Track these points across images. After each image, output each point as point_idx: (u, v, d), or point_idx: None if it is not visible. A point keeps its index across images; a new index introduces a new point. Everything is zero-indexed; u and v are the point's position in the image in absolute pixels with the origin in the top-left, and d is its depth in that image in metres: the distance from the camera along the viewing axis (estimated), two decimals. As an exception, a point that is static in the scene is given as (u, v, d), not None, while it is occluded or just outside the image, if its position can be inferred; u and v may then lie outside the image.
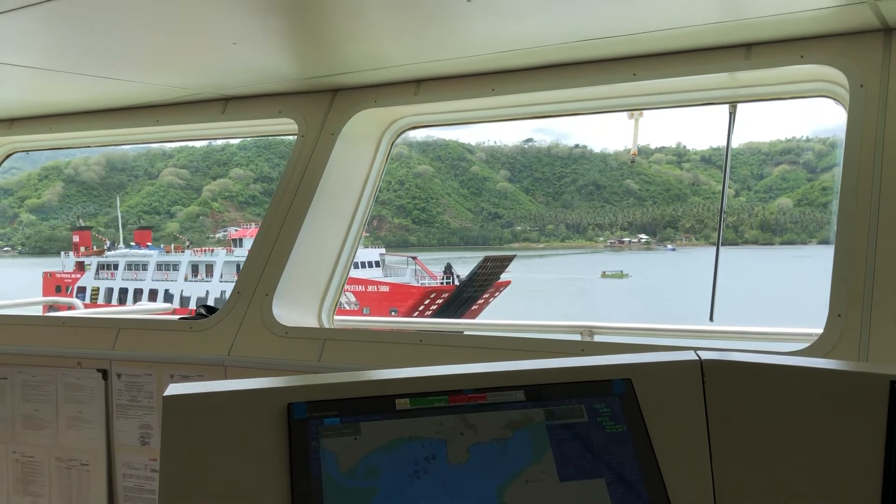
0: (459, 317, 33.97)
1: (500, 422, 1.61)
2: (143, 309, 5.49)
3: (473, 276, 36.85)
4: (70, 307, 5.27)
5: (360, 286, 37.70)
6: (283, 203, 3.52)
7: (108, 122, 4.12)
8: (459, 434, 1.59)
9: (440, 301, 36.79)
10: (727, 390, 1.72)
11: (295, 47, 3.07)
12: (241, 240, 43.50)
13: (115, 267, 43.46)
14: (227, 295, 3.70)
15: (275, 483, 1.52)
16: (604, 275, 53.24)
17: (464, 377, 1.67)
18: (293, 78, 3.45)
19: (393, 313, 35.34)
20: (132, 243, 51.42)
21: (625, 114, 3.92)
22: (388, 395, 1.61)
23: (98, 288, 42.56)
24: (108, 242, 52.37)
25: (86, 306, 6.91)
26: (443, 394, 1.63)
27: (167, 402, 1.55)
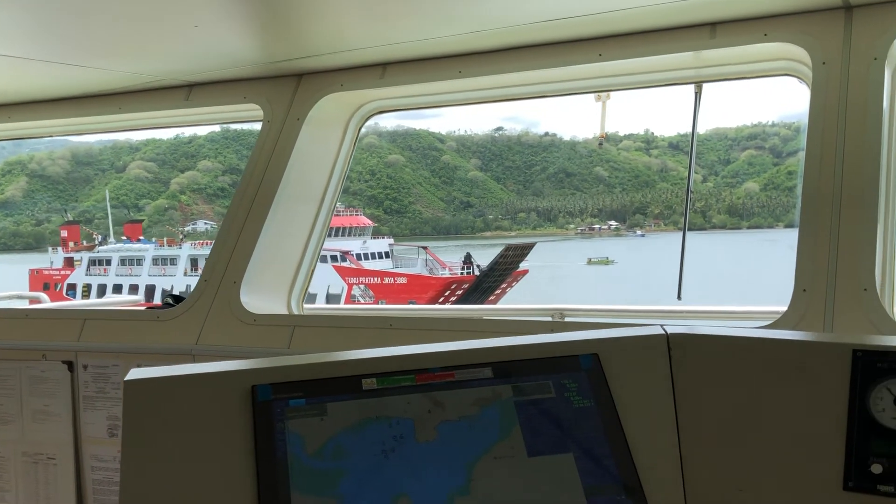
0: (478, 307, 33.23)
1: (468, 399, 1.61)
2: (110, 301, 5.41)
3: (494, 265, 35.67)
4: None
5: (374, 278, 36.71)
6: (249, 190, 3.48)
7: (68, 111, 4.04)
8: (427, 412, 1.58)
9: (460, 292, 35.50)
10: (693, 363, 1.74)
11: (259, 31, 3.03)
12: None
13: (108, 262, 41.85)
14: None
15: (240, 466, 1.50)
16: (590, 262, 53.22)
17: (431, 356, 1.66)
18: (258, 62, 3.40)
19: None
20: (123, 237, 49.82)
21: (592, 97, 3.92)
22: (354, 376, 1.60)
23: (90, 284, 41.00)
24: (98, 237, 50.76)
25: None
26: (410, 373, 1.62)
27: (128, 387, 1.53)
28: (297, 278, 3.59)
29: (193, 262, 39.14)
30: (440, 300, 34.74)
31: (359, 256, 38.29)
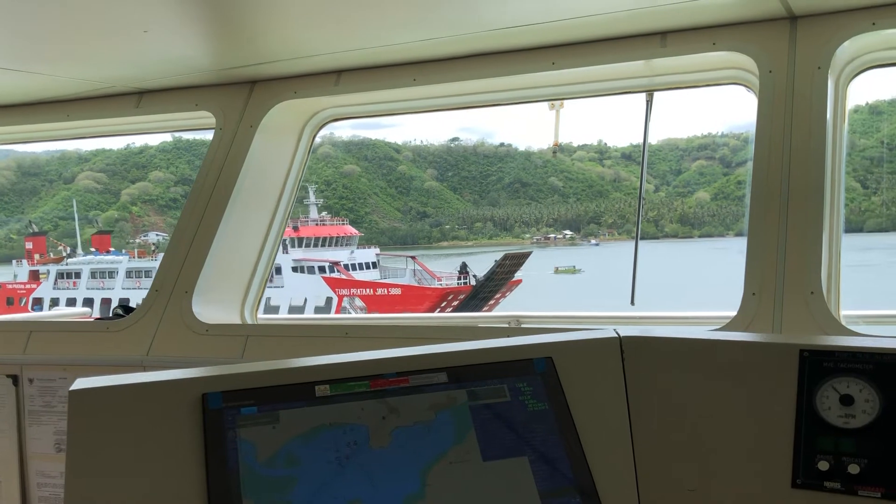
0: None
1: (423, 404, 1.61)
2: (58, 314, 5.28)
3: (491, 274, 34.36)
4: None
5: (366, 289, 34.99)
6: (201, 198, 3.43)
7: (13, 119, 3.94)
8: (381, 418, 1.57)
9: (456, 303, 33.93)
10: (646, 365, 1.76)
11: (211, 37, 2.99)
12: None
13: (78, 275, 39.85)
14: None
15: (190, 477, 1.47)
16: (557, 270, 53.24)
17: (385, 361, 1.65)
18: (209, 69, 3.36)
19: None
20: (92, 249, 47.96)
21: (546, 105, 3.95)
22: (307, 383, 1.58)
23: (57, 298, 39.11)
24: (67, 249, 48.64)
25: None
26: (364, 379, 1.61)
27: (73, 397, 1.48)
28: (251, 287, 3.54)
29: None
30: (437, 311, 32.79)
31: (346, 267, 36.93)
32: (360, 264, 37.72)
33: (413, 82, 3.23)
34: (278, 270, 34.67)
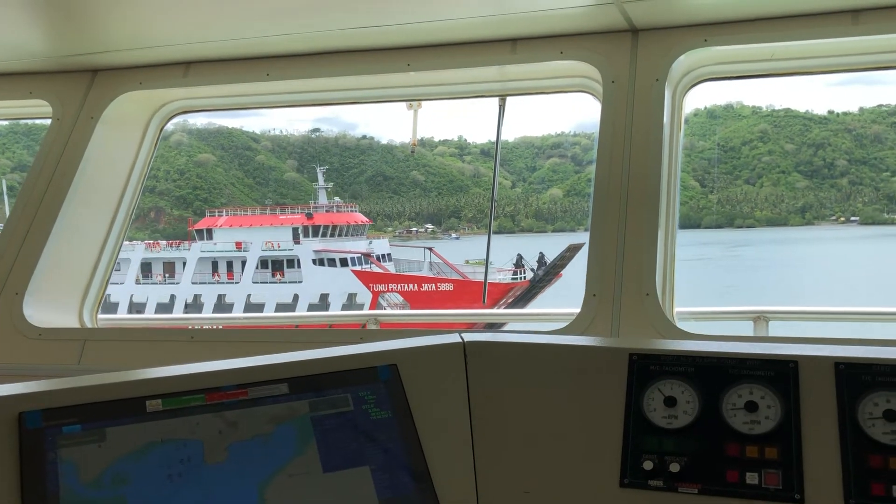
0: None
1: (263, 417, 1.57)
2: None
3: (553, 265, 29.47)
4: None
5: (409, 284, 29.70)
6: (35, 192, 3.21)
7: None
8: (218, 433, 1.52)
9: (511, 301, 29.01)
10: (488, 370, 1.80)
11: (47, 20, 2.80)
12: (209, 230, 33.33)
13: None
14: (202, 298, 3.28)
15: (4, 503, 1.36)
16: (467, 262, 52.41)
17: (223, 373, 1.60)
18: (46, 55, 3.15)
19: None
20: None
21: (404, 104, 3.97)
22: (137, 398, 1.51)
23: None
24: None
25: None
26: (199, 392, 1.55)
27: None
28: (91, 288, 3.35)
29: (145, 266, 32.33)
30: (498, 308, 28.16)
31: (364, 260, 31.47)
32: (381, 256, 32.40)
33: (266, 77, 3.16)
34: (296, 263, 30.48)
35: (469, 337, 1.85)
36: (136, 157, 3.47)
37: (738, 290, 31.50)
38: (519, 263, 30.84)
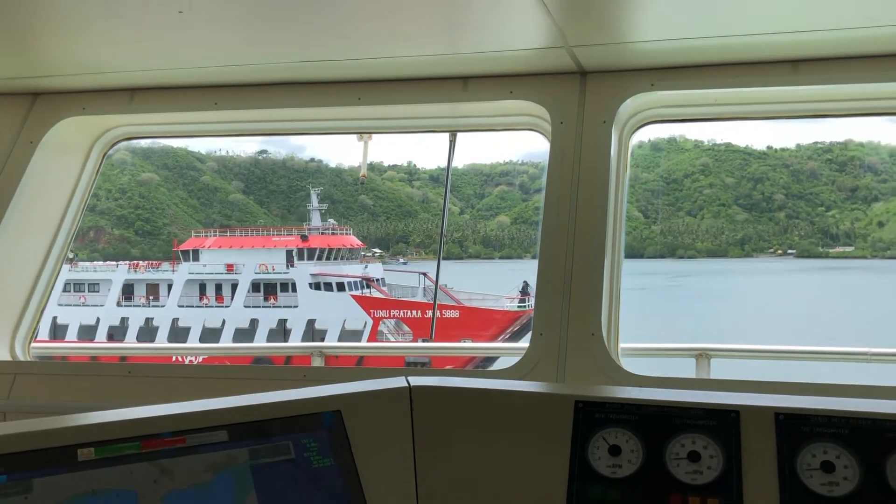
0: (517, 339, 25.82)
1: (200, 465, 1.51)
2: None
3: None
4: None
5: (413, 311, 28.14)
6: (-32, 217, 3.09)
7: None
8: (153, 482, 1.46)
9: (517, 329, 27.81)
10: (433, 414, 1.78)
11: (-16, 42, 2.71)
12: (196, 251, 31.98)
13: None
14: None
15: None
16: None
17: (160, 420, 1.54)
18: (-17, 76, 3.05)
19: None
20: None
21: (355, 136, 3.97)
22: (68, 446, 1.44)
23: None
24: None
25: None
26: (134, 440, 1.49)
27: None
28: (24, 318, 3.23)
29: (126, 287, 30.73)
30: (503, 338, 27.41)
31: (363, 284, 30.11)
32: (376, 281, 31.06)
33: (214, 106, 3.12)
34: (291, 287, 29.11)
35: (415, 381, 1.83)
36: (77, 183, 3.38)
37: (680, 319, 32.01)
38: (525, 291, 29.48)
